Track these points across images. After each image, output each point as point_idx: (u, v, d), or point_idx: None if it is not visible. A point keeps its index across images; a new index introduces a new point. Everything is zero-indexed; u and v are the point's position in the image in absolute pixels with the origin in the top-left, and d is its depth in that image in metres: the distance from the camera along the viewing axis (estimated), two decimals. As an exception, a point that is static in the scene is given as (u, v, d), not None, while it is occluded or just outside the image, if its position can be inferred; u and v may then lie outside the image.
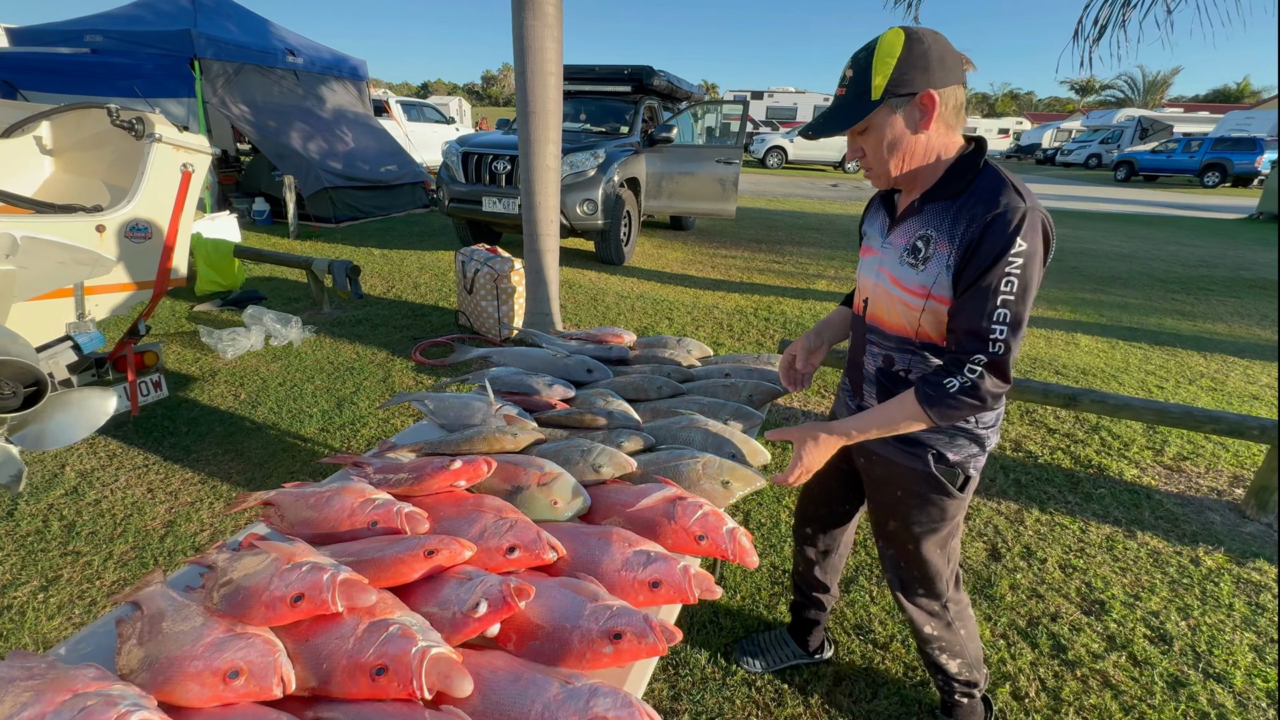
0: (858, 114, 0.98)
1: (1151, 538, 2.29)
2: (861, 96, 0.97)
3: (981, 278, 0.94)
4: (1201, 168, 19.13)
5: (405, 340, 3.96)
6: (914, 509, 1.21)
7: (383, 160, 8.78)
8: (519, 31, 3.21)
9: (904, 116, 0.98)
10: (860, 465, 1.32)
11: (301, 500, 1.07)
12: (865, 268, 1.21)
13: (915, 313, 1.06)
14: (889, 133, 0.99)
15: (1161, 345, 4.32)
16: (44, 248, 1.32)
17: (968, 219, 0.96)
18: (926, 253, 1.02)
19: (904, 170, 1.03)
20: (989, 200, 0.95)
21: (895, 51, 0.95)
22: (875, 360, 1.18)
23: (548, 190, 3.50)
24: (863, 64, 0.98)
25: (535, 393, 1.54)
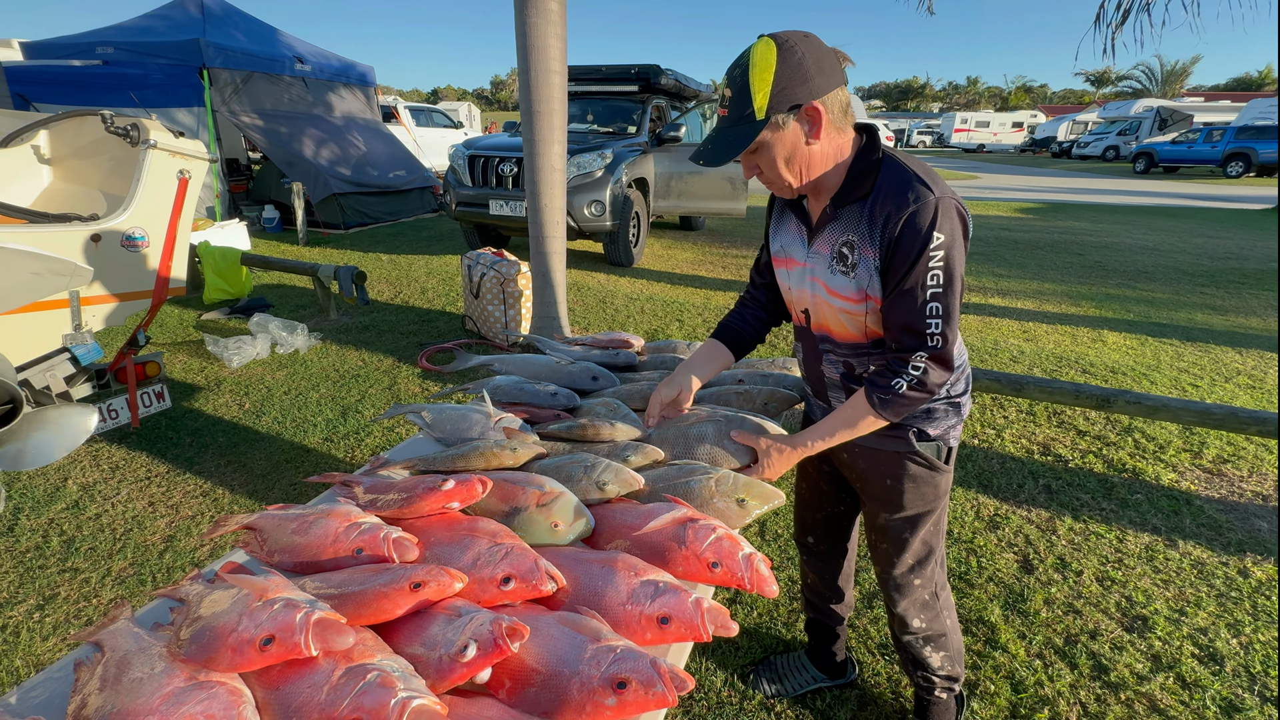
0: (746, 137, 0.95)
1: (1194, 547, 2.16)
2: (745, 117, 0.95)
3: (906, 277, 0.95)
4: (1225, 157, 18.69)
5: (412, 346, 3.90)
6: (906, 493, 1.19)
7: (391, 166, 8.79)
8: (521, 28, 3.14)
9: (792, 130, 0.96)
10: (842, 462, 1.27)
11: (284, 524, 1.00)
12: (794, 279, 1.17)
13: (860, 317, 1.07)
14: (781, 148, 0.97)
15: (1193, 341, 4.15)
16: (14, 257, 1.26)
17: (883, 219, 0.96)
18: (853, 259, 1.02)
19: (805, 180, 1.02)
20: (898, 197, 0.95)
21: (770, 66, 0.91)
22: (836, 368, 1.17)
23: (553, 192, 3.43)
24: (739, 82, 0.94)
25: (537, 403, 1.46)
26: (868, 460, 1.21)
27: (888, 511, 1.23)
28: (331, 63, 8.77)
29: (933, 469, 1.17)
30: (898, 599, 1.30)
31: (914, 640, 1.33)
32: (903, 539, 1.24)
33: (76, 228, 2.01)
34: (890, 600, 1.32)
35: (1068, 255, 7.03)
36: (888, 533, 1.25)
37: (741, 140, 0.96)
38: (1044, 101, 62.71)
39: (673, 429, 1.29)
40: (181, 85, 6.87)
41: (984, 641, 1.75)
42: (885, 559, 1.29)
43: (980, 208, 11.30)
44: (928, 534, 1.24)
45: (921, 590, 1.29)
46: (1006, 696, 1.59)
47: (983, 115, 37.38)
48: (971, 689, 1.61)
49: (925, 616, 1.31)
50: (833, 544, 1.48)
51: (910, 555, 1.26)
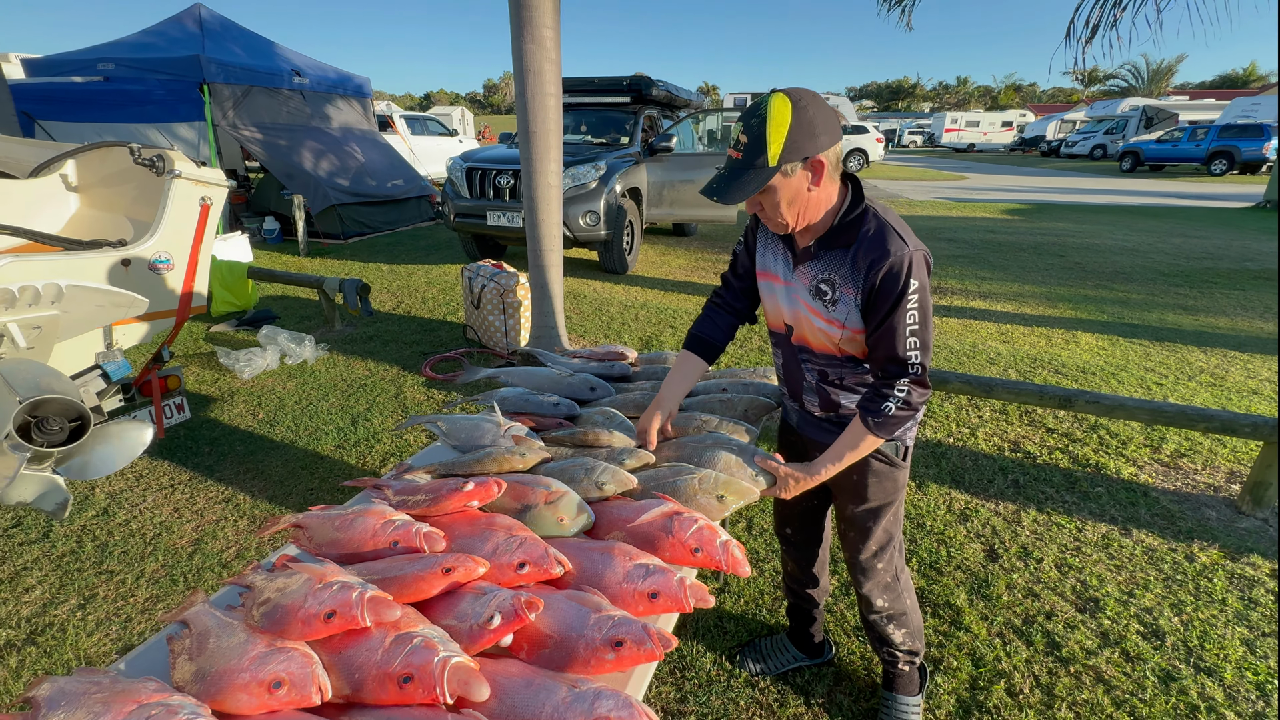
0: (759, 180, 1.08)
1: (1147, 535, 2.34)
2: (759, 163, 1.07)
3: (889, 318, 1.12)
4: (1208, 156, 19.01)
5: (415, 356, 4.06)
6: (871, 486, 1.37)
7: (389, 175, 8.94)
8: (518, 55, 3.31)
9: (798, 178, 1.09)
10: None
11: (328, 522, 1.16)
12: (780, 295, 1.32)
13: (835, 339, 1.24)
14: (786, 193, 1.10)
15: (1162, 341, 4.35)
16: (86, 294, 1.42)
17: (865, 267, 1.12)
18: (834, 295, 1.19)
19: (801, 223, 1.16)
20: (879, 249, 1.11)
21: (786, 121, 1.04)
22: (812, 374, 1.33)
23: (550, 207, 3.60)
24: (756, 131, 1.06)
25: (541, 412, 1.62)
26: None
27: (854, 503, 1.41)
28: (328, 75, 8.92)
29: (893, 465, 1.35)
30: (864, 581, 1.48)
31: (879, 619, 1.51)
32: (867, 527, 1.42)
33: (108, 253, 2.17)
34: (857, 583, 1.50)
35: (1049, 257, 7.24)
36: (854, 522, 1.43)
37: (755, 182, 1.08)
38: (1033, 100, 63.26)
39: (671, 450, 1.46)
40: (182, 101, 7.01)
41: (950, 623, 1.93)
42: (853, 545, 1.46)
43: (967, 209, 11.52)
44: (888, 523, 1.42)
45: (884, 573, 1.47)
46: (967, 671, 1.76)
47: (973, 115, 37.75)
48: (936, 665, 1.78)
49: (888, 597, 1.48)
50: (808, 534, 1.65)
51: (874, 542, 1.44)
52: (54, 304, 1.40)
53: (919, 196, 13.53)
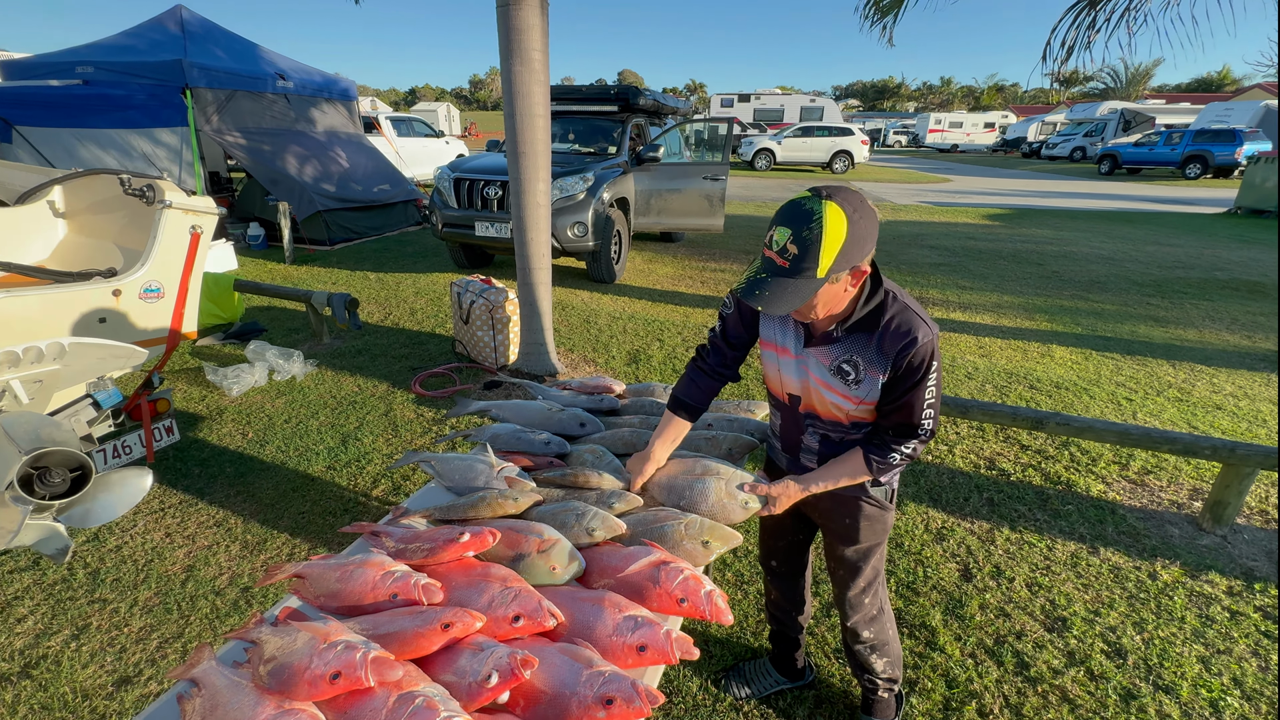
0: (807, 291, 1.07)
1: (1113, 554, 2.45)
2: (807, 273, 1.06)
3: (912, 392, 1.20)
4: (1183, 160, 19.44)
5: (404, 371, 4.08)
6: (863, 529, 1.44)
7: (375, 180, 8.90)
8: (507, 77, 3.34)
9: (842, 283, 1.12)
10: (807, 503, 1.49)
11: (328, 573, 1.21)
12: (785, 368, 1.34)
13: (848, 410, 1.29)
14: (825, 298, 1.13)
15: (1133, 355, 4.50)
16: (88, 349, 1.45)
17: (894, 353, 1.18)
18: (857, 375, 1.23)
19: (830, 315, 1.21)
20: (907, 337, 1.16)
21: (841, 236, 1.04)
22: (815, 438, 1.40)
23: (539, 226, 3.64)
24: (808, 243, 1.04)
25: (533, 451, 1.68)
26: (829, 500, 1.44)
27: (845, 545, 1.47)
28: (313, 78, 8.85)
29: (883, 509, 1.43)
30: (851, 614, 1.55)
31: (863, 649, 1.59)
32: (858, 567, 1.49)
33: (99, 284, 2.18)
34: (845, 616, 1.57)
35: (1028, 265, 7.41)
36: (845, 562, 1.50)
37: (804, 293, 1.07)
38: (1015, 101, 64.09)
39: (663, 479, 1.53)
40: (164, 106, 6.93)
41: (925, 644, 2.02)
42: (842, 583, 1.54)
43: (950, 214, 11.71)
44: (876, 560, 1.50)
45: (870, 607, 1.55)
46: (941, 692, 1.85)
47: (956, 116, 38.22)
48: (911, 686, 1.87)
49: (873, 629, 1.56)
50: (792, 566, 1.72)
51: (863, 579, 1.51)
52: (56, 360, 1.43)
53: (903, 200, 13.71)
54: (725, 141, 6.95)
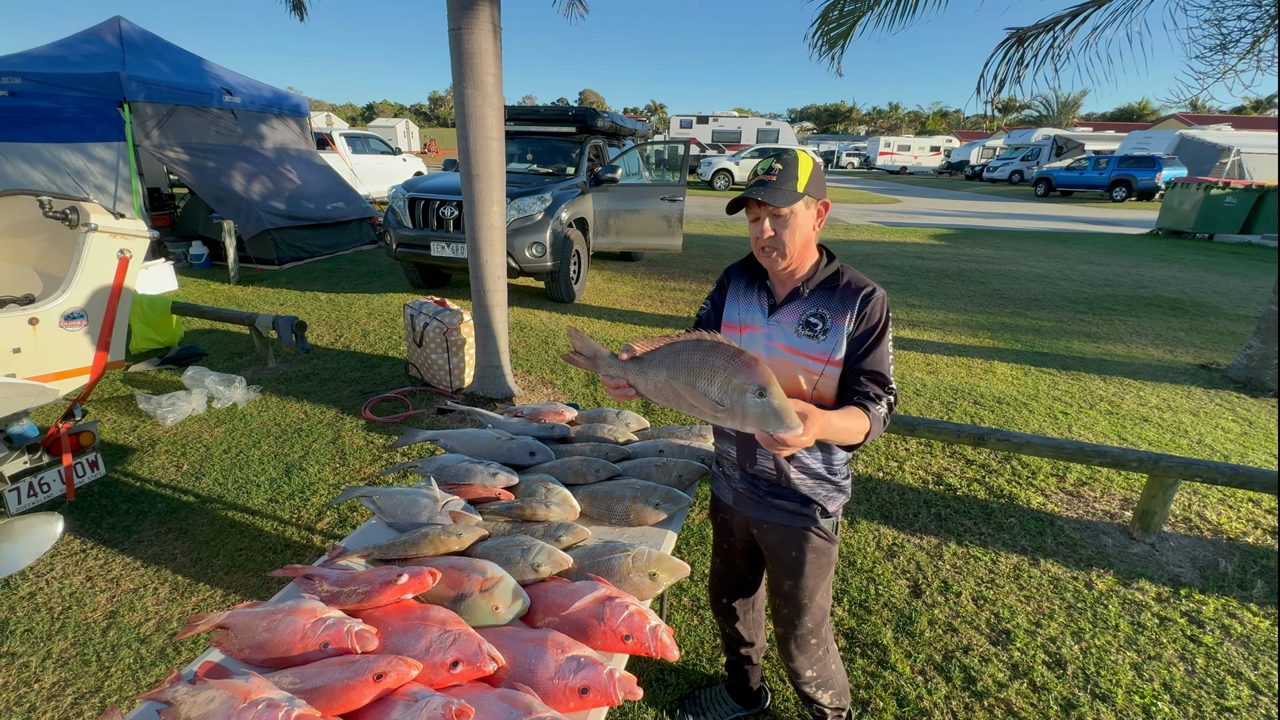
0: (792, 197, 1.23)
1: (1053, 565, 2.55)
2: (790, 185, 1.24)
3: (878, 343, 1.27)
4: (1110, 183, 20.74)
5: (355, 396, 3.96)
6: (809, 562, 1.44)
7: (328, 198, 8.69)
8: (460, 101, 3.33)
9: (811, 213, 1.28)
10: (755, 536, 1.51)
11: (255, 622, 1.14)
12: (749, 342, 1.36)
13: (814, 376, 1.29)
14: (801, 221, 1.26)
15: (1068, 370, 4.73)
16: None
17: (859, 299, 1.27)
18: (825, 325, 1.29)
19: (798, 257, 1.29)
20: (868, 285, 1.30)
21: (809, 167, 1.26)
22: None
23: (494, 248, 3.61)
24: (789, 163, 1.26)
25: (480, 483, 1.64)
26: (776, 534, 1.45)
27: (792, 579, 1.46)
28: (263, 93, 8.62)
29: (830, 540, 1.43)
30: (796, 655, 1.54)
31: (807, 686, 1.59)
32: (803, 604, 1.48)
33: (12, 312, 2.05)
34: (788, 655, 1.55)
35: (972, 284, 7.74)
36: (790, 598, 1.48)
37: (791, 196, 1.23)
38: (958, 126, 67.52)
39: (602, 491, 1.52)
40: (99, 120, 6.62)
41: (876, 663, 2.04)
42: (787, 621, 1.51)
43: (900, 234, 12.17)
44: (822, 598, 1.49)
45: (817, 648, 1.54)
46: (893, 711, 1.87)
47: (904, 140, 39.92)
48: (864, 706, 1.88)
49: (817, 668, 1.56)
50: (744, 605, 1.71)
51: (809, 619, 1.49)
52: (-45, 400, 1.33)
53: (856, 220, 14.19)
54: (682, 163, 7.07)
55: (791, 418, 1.00)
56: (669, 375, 1.11)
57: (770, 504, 1.43)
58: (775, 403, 1.00)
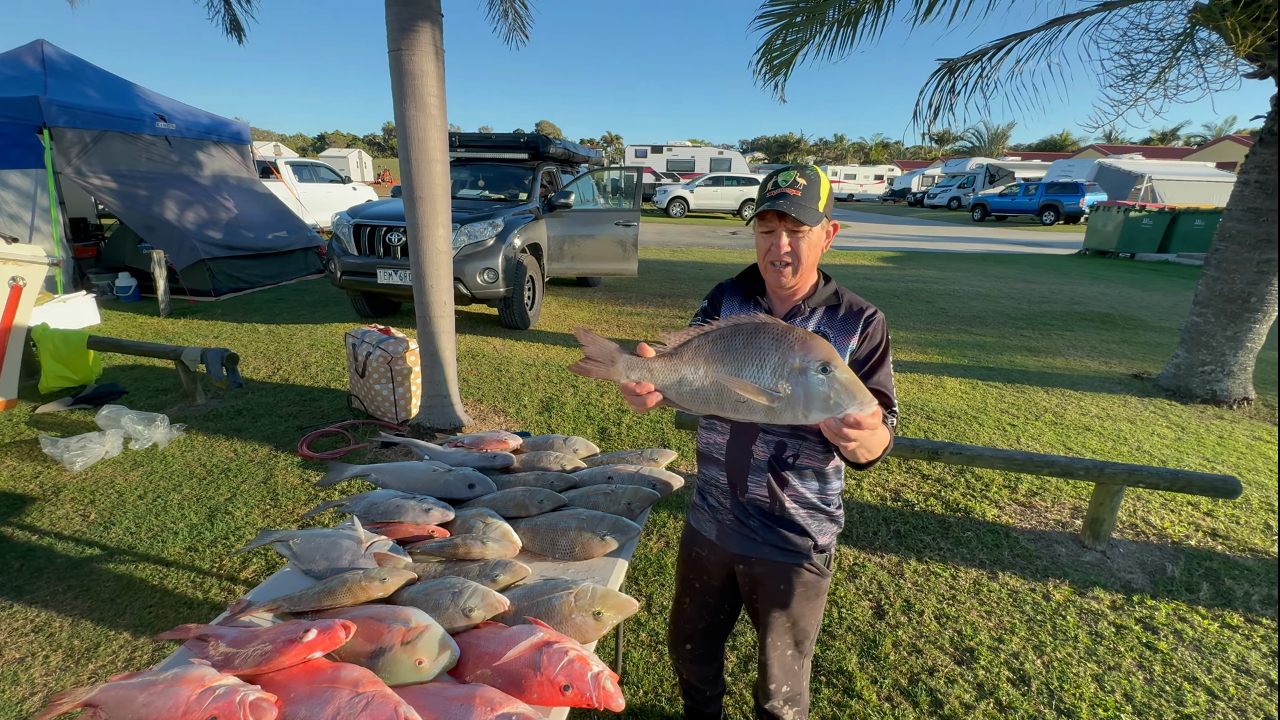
0: (815, 217, 1.20)
1: (1011, 577, 2.54)
2: (814, 205, 1.20)
3: (881, 362, 1.25)
4: (1040, 208, 22.08)
5: (292, 431, 3.72)
6: (799, 598, 1.35)
7: (269, 226, 8.37)
8: (402, 122, 3.24)
9: (825, 232, 1.26)
10: (740, 571, 1.41)
11: (130, 697, 0.98)
12: None
13: None
14: (816, 240, 1.24)
15: (1013, 383, 4.87)
16: None
17: (860, 317, 1.25)
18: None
19: (805, 273, 1.25)
20: (869, 306, 1.28)
21: (828, 188, 1.24)
22: (769, 448, 1.29)
23: (439, 273, 3.49)
24: (813, 180, 1.21)
25: (412, 520, 1.50)
26: (764, 568, 1.35)
27: (779, 612, 1.36)
28: (200, 120, 8.31)
29: (821, 575, 1.36)
30: (779, 706, 1.43)
31: (774, 699, 1.44)
32: (793, 640, 1.38)
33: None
34: (768, 682, 1.42)
35: (919, 303, 7.99)
36: (782, 633, 1.37)
37: (814, 217, 1.19)
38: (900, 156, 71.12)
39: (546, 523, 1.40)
40: (15, 146, 6.23)
41: (842, 691, 1.96)
42: (780, 654, 1.39)
43: (849, 257, 12.55)
44: (811, 630, 1.40)
45: (804, 695, 1.46)
46: (860, 743, 1.78)
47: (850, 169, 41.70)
48: (831, 740, 1.79)
49: (791, 682, 1.43)
50: (709, 649, 1.58)
51: (795, 663, 1.40)
52: None
53: (807, 245, 14.56)
54: (635, 188, 7.12)
55: (864, 392, 0.90)
56: (707, 367, 0.95)
57: (759, 538, 1.35)
58: (843, 377, 0.89)
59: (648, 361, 0.99)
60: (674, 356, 0.99)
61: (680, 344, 0.99)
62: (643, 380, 0.99)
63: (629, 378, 1.00)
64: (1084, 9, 4.26)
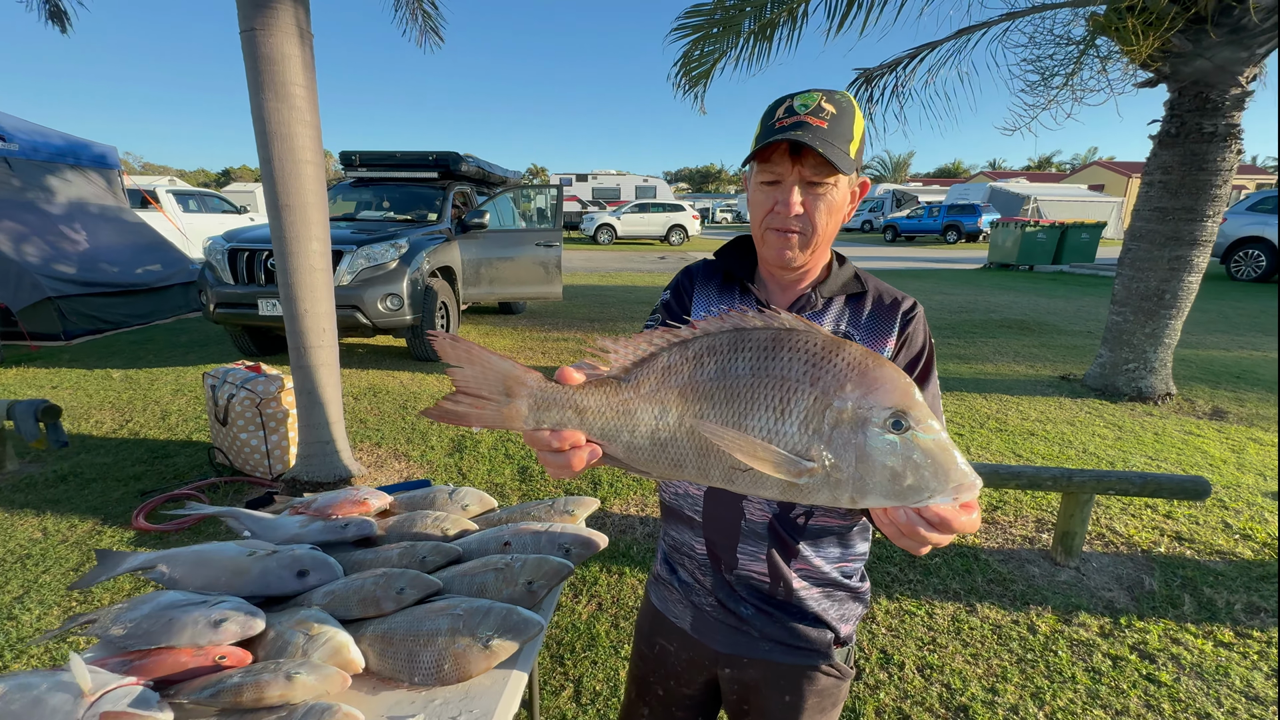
0: (846, 163, 0.79)
1: (990, 609, 2.24)
2: (844, 145, 0.80)
3: (927, 375, 0.89)
4: (944, 228, 23.62)
5: (130, 498, 2.98)
6: (810, 712, 0.94)
7: (139, 260, 7.34)
8: (259, 114, 2.71)
9: (849, 190, 0.86)
10: (726, 676, 0.98)
11: None
12: None
13: None
14: (841, 200, 0.85)
15: (952, 391, 4.78)
16: None
17: (895, 315, 0.89)
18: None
19: (819, 245, 0.86)
20: (904, 298, 0.91)
21: (862, 127, 0.84)
22: (769, 504, 0.89)
23: (316, 295, 2.93)
24: (845, 109, 0.81)
25: (188, 641, 0.98)
26: (761, 670, 0.94)
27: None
28: (51, 141, 7.25)
29: (842, 678, 0.96)
30: None
31: None
32: None
33: None
34: None
35: (848, 317, 8.00)
36: None
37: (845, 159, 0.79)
38: (814, 185, 75.13)
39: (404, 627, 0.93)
40: None
41: (825, 788, 1.55)
42: None
43: (776, 277, 12.69)
44: None
45: None
46: None
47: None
48: None
49: None
50: None
51: None
52: None
53: (735, 266, 14.69)
54: (556, 207, 6.74)
55: (958, 464, 0.51)
56: (683, 406, 0.56)
57: (755, 632, 0.93)
58: (928, 439, 0.51)
59: (574, 394, 0.60)
60: (624, 385, 0.59)
61: (636, 362, 0.59)
62: (564, 426, 0.60)
63: (540, 422, 0.60)
64: (988, 18, 4.34)
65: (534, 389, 0.59)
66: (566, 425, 0.59)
